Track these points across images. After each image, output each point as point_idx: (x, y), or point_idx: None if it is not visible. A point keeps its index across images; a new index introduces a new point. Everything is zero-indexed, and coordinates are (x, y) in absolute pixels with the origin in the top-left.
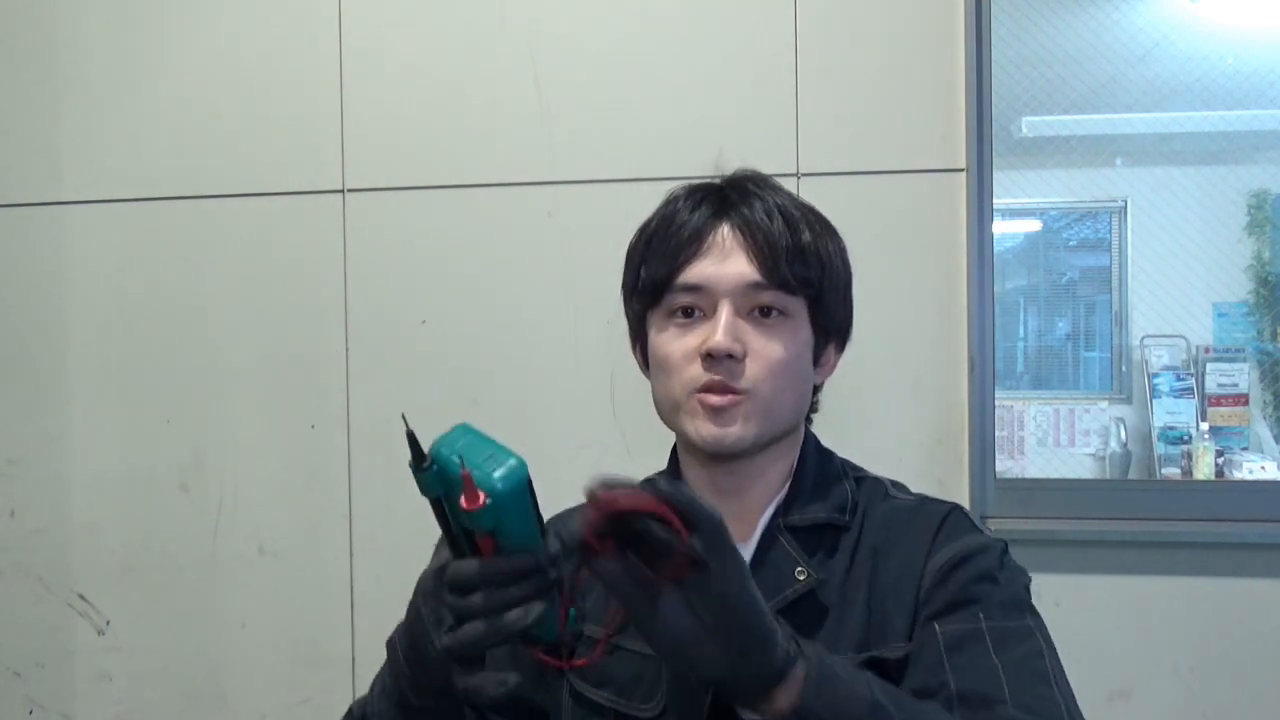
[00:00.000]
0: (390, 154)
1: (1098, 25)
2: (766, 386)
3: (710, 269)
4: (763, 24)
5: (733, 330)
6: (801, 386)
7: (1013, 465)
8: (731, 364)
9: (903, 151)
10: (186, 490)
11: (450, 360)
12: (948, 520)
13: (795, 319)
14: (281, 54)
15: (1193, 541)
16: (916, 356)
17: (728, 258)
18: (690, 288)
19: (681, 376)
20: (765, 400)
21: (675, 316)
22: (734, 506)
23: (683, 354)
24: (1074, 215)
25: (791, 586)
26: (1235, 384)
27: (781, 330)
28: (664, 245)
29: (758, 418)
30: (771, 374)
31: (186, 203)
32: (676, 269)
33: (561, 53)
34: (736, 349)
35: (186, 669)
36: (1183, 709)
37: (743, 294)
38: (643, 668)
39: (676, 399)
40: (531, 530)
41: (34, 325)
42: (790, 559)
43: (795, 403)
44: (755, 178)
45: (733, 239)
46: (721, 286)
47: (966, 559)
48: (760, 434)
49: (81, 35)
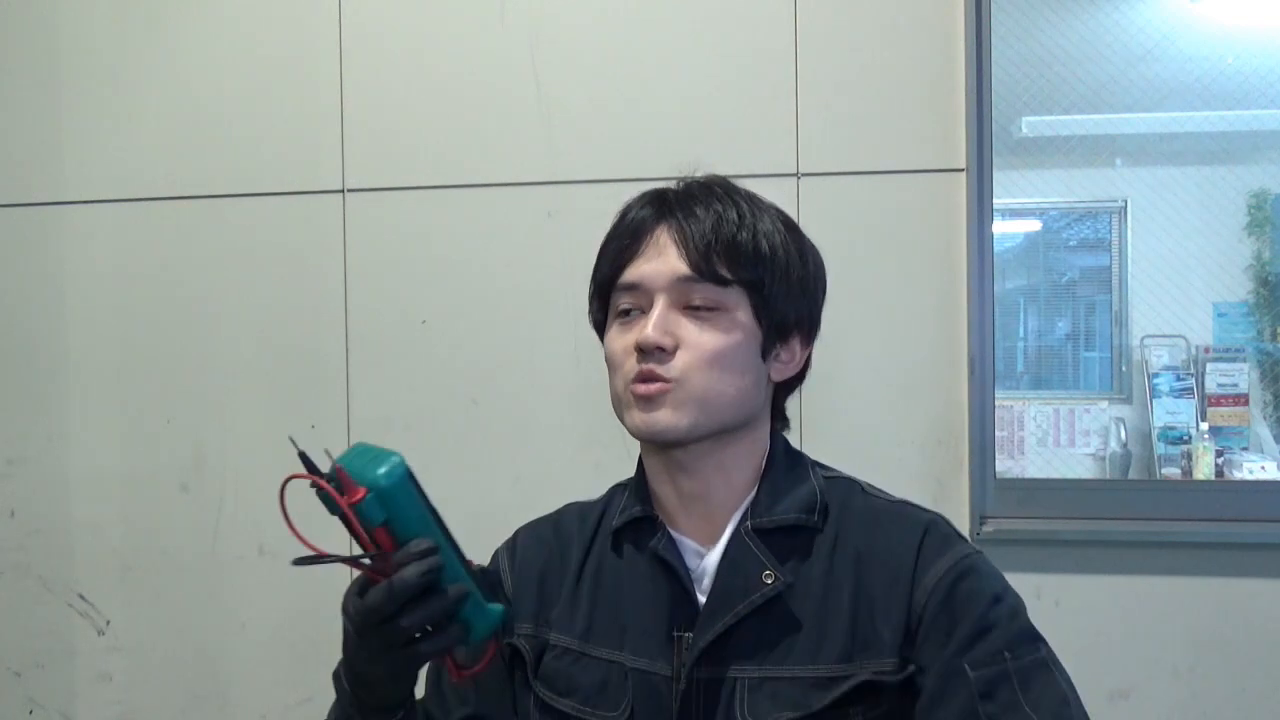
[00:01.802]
0: (390, 154)
1: (1098, 25)
2: (697, 375)
3: (645, 267)
4: (763, 24)
5: (663, 324)
6: (743, 378)
7: (1013, 465)
8: (661, 355)
9: (903, 151)
10: (186, 490)
11: (450, 360)
12: (932, 529)
13: (732, 312)
14: (281, 54)
15: (1193, 541)
16: (917, 356)
17: (661, 255)
18: (628, 286)
19: (622, 370)
20: (696, 389)
21: (620, 316)
22: (699, 509)
23: (623, 349)
24: (1074, 215)
25: (759, 590)
26: (1235, 384)
27: (716, 323)
28: (609, 248)
29: (690, 406)
30: (702, 364)
31: (186, 203)
32: (618, 269)
33: (561, 53)
34: (666, 341)
35: (186, 669)
36: (1183, 709)
37: (674, 289)
38: (608, 673)
39: (618, 392)
40: (422, 517)
41: (34, 325)
42: (757, 562)
43: (738, 395)
44: (710, 181)
45: (667, 237)
46: (655, 282)
47: (965, 575)
48: (695, 422)
49: (82, 35)
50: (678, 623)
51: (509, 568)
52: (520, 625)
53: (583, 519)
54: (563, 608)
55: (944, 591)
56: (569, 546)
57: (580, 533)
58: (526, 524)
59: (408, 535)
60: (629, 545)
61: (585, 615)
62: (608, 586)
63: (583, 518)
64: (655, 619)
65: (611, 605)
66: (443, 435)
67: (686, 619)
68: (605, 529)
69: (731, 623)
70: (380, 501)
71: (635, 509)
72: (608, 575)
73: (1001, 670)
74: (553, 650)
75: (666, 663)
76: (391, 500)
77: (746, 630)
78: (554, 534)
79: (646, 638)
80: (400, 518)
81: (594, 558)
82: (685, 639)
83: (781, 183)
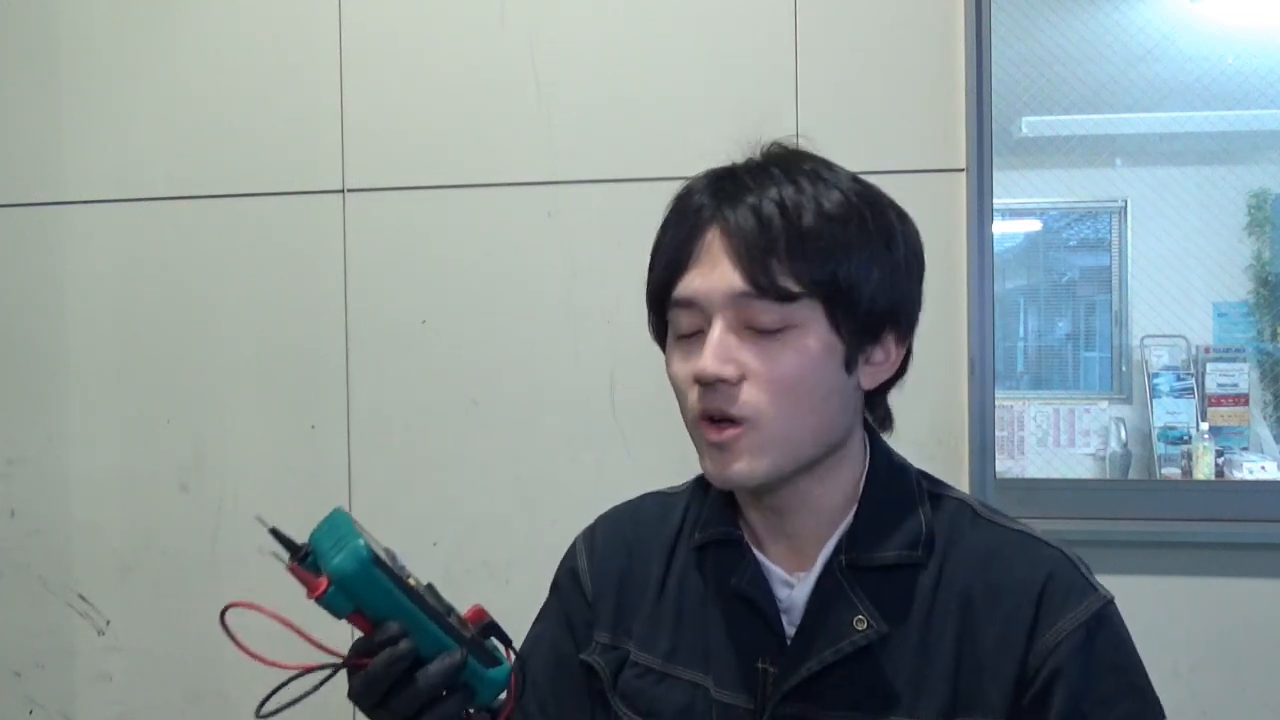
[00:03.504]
0: (390, 154)
1: (1098, 25)
2: (772, 411)
3: (698, 281)
4: (762, 24)
5: (722, 351)
6: (824, 402)
7: (1013, 465)
8: (726, 389)
9: (903, 151)
10: (186, 490)
11: (450, 360)
12: (1059, 571)
13: (803, 327)
14: (281, 54)
15: (1193, 541)
16: (916, 356)
17: (715, 266)
18: (684, 303)
19: (688, 403)
20: (772, 427)
21: (679, 340)
22: (787, 535)
23: (685, 379)
24: (1074, 215)
25: (848, 638)
26: (1235, 384)
27: (785, 344)
28: (661, 252)
29: (769, 447)
30: (774, 396)
31: (186, 203)
32: (671, 281)
33: (561, 53)
34: (727, 372)
35: (186, 669)
36: (1183, 709)
37: (733, 307)
38: (693, 698)
39: (690, 427)
40: (390, 598)
41: (34, 325)
42: (850, 604)
43: (820, 424)
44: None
45: (718, 243)
46: (711, 301)
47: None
48: (775, 466)
49: (82, 35)
50: (763, 654)
51: (587, 568)
52: (598, 634)
53: (664, 517)
54: (644, 622)
55: (1067, 653)
56: (650, 550)
57: (661, 535)
58: (605, 515)
59: (380, 618)
60: (714, 563)
61: (669, 634)
62: (693, 604)
63: (664, 515)
64: (739, 646)
65: (697, 625)
66: (443, 435)
67: (772, 651)
68: (688, 537)
69: (818, 669)
70: (344, 591)
71: (720, 528)
72: (691, 592)
73: None
74: (634, 667)
75: (750, 695)
76: (354, 588)
77: (837, 674)
78: (634, 534)
79: (731, 666)
80: (369, 603)
81: (676, 570)
82: (770, 673)
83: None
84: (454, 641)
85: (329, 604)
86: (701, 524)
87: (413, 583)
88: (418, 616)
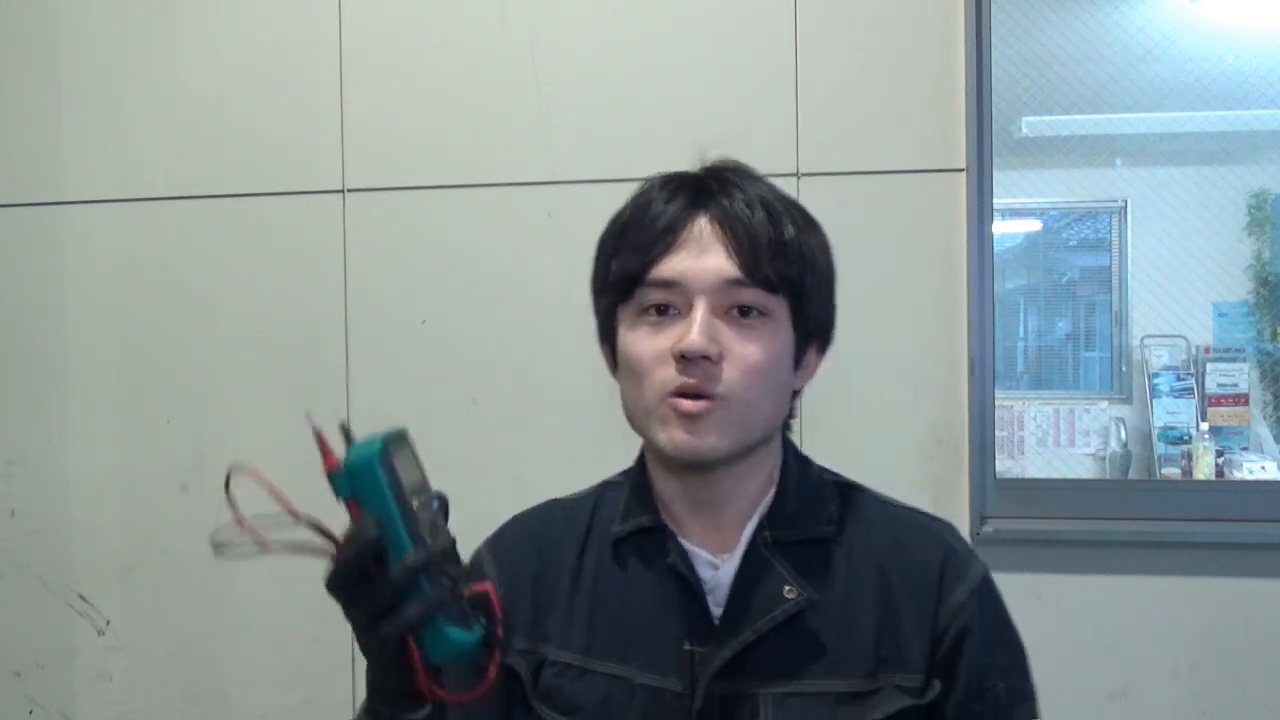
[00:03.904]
0: (390, 154)
1: (1098, 25)
2: (743, 392)
3: (686, 263)
4: (763, 24)
5: (709, 330)
6: (781, 392)
7: (1013, 465)
8: (707, 366)
9: (903, 151)
10: (186, 490)
11: (450, 360)
12: (955, 544)
13: (776, 320)
14: (281, 54)
15: (1193, 541)
16: (916, 356)
17: (705, 252)
18: (664, 283)
19: (653, 379)
20: (742, 407)
21: (647, 314)
22: (712, 519)
23: (654, 355)
24: (1074, 215)
25: (780, 606)
26: (1235, 384)
27: (761, 331)
28: (637, 236)
29: (734, 425)
30: (749, 378)
31: (186, 203)
32: (650, 262)
33: (561, 53)
34: (712, 350)
35: (186, 669)
36: (1182, 709)
37: (720, 291)
38: (612, 689)
39: (648, 404)
40: (384, 504)
41: (34, 325)
42: (777, 576)
43: (773, 410)
44: (736, 168)
45: (711, 232)
46: (698, 282)
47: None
48: (737, 443)
49: (82, 36)
50: (691, 636)
51: (495, 576)
52: (513, 639)
53: (569, 520)
54: (560, 620)
55: (970, 613)
56: (559, 551)
57: (570, 535)
58: (509, 523)
59: (370, 516)
60: (634, 555)
61: (586, 628)
62: (610, 597)
63: (569, 519)
64: (665, 632)
65: (615, 617)
66: (443, 435)
67: (700, 632)
68: (600, 534)
69: (751, 639)
70: (347, 475)
71: (642, 518)
72: (609, 586)
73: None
74: (553, 666)
75: (678, 678)
76: (356, 476)
77: (767, 645)
78: (544, 536)
79: (656, 652)
80: (363, 495)
81: (590, 566)
82: (698, 653)
83: (781, 183)
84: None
85: (332, 481)
86: (620, 517)
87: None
88: (396, 523)
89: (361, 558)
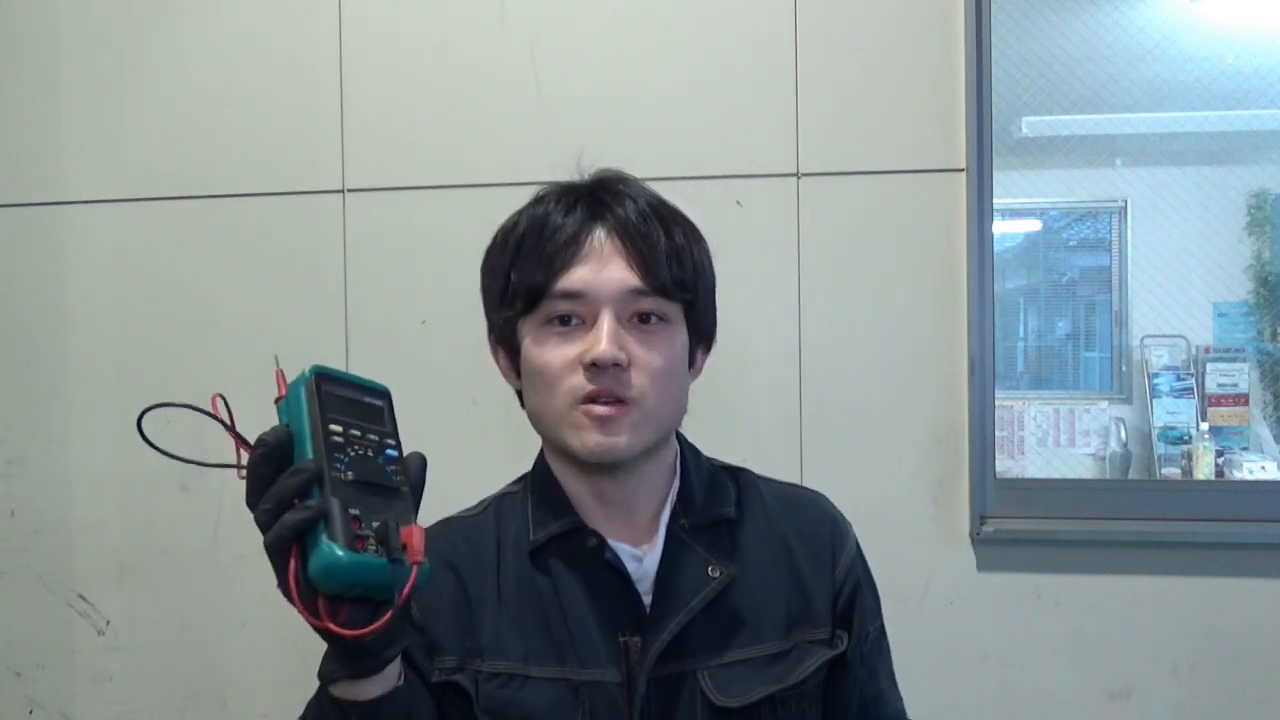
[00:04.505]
0: (390, 153)
1: (1098, 25)
2: (652, 395)
3: (589, 275)
4: (762, 24)
5: (616, 339)
6: (681, 391)
7: (1013, 465)
8: (617, 373)
9: (903, 151)
10: (186, 490)
11: (450, 360)
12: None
13: (674, 324)
14: (281, 54)
15: (1193, 541)
16: (916, 356)
17: (606, 264)
18: (569, 294)
19: (563, 387)
20: (652, 408)
21: (553, 325)
22: (625, 515)
23: (563, 364)
24: (1074, 215)
25: (708, 585)
26: (1235, 384)
27: (661, 337)
28: (538, 249)
29: (646, 426)
30: (656, 382)
31: (186, 203)
32: (553, 275)
33: (561, 53)
34: (622, 358)
35: (186, 669)
36: (1183, 709)
37: (623, 300)
38: (558, 692)
39: (558, 411)
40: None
41: (34, 325)
42: (700, 559)
43: (676, 409)
44: (621, 177)
45: (609, 244)
46: (602, 293)
47: (860, 552)
48: (648, 442)
49: (81, 35)
50: (623, 628)
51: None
52: (440, 659)
53: (477, 535)
54: (491, 634)
55: (859, 569)
56: (476, 566)
57: (482, 551)
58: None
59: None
60: (555, 559)
61: (521, 637)
62: (538, 604)
63: (476, 532)
64: (598, 628)
65: (546, 622)
66: (443, 435)
67: (631, 623)
68: (513, 545)
69: (686, 620)
70: (286, 406)
71: (559, 523)
72: (533, 593)
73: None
74: (494, 679)
75: (617, 670)
76: (291, 404)
77: (697, 624)
78: (454, 553)
79: (592, 648)
80: (291, 417)
81: (509, 577)
82: (633, 643)
83: (781, 183)
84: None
85: (278, 410)
86: (533, 525)
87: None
88: (304, 437)
89: (264, 462)
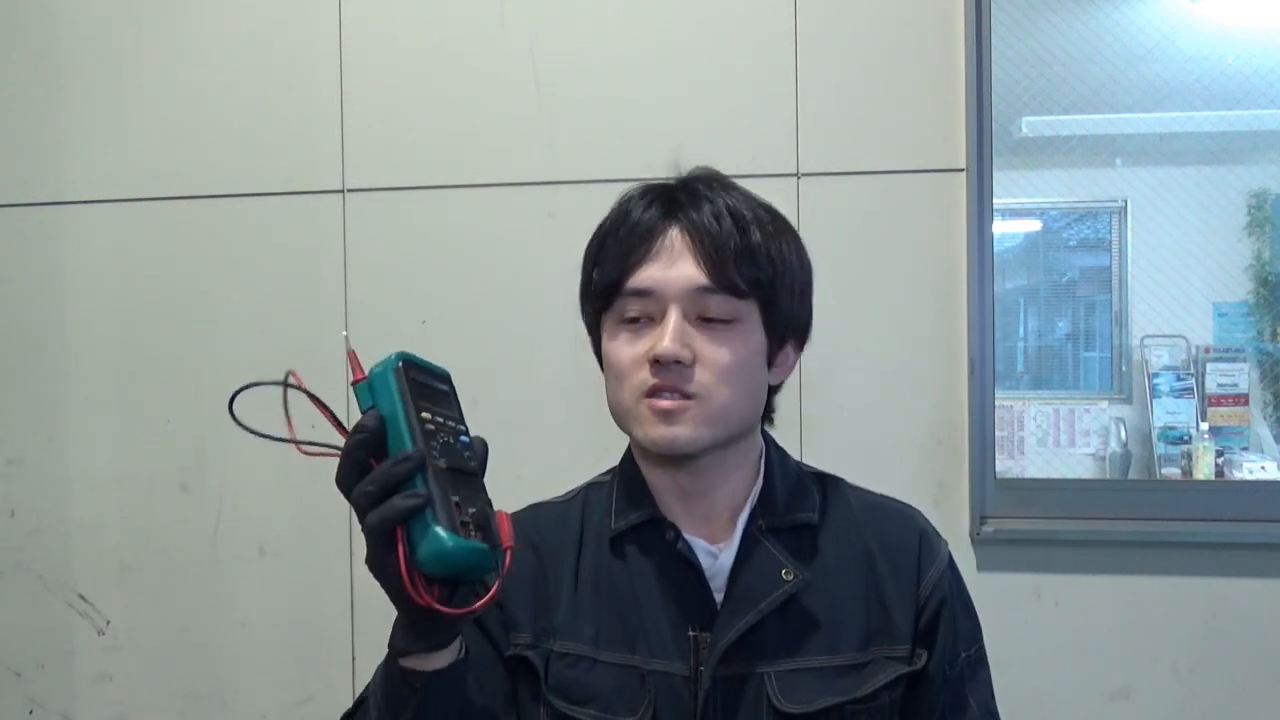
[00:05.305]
0: (390, 154)
1: (1098, 25)
2: (717, 392)
3: (658, 273)
4: (762, 24)
5: (680, 336)
6: (755, 390)
7: (1013, 465)
8: (680, 369)
9: (903, 151)
10: (186, 490)
11: (450, 360)
12: (926, 526)
13: (746, 322)
14: (281, 54)
15: (1193, 541)
16: (916, 356)
17: (675, 261)
18: (638, 292)
19: (631, 382)
20: (715, 405)
21: (625, 322)
22: (701, 508)
23: (632, 360)
24: (1074, 215)
25: (780, 587)
26: (1235, 384)
27: (731, 335)
28: (615, 247)
29: (708, 422)
30: (721, 380)
31: (186, 203)
32: (625, 273)
33: (561, 53)
34: (684, 354)
35: (186, 669)
36: (1182, 709)
37: (690, 298)
38: (624, 678)
39: (626, 405)
40: (392, 403)
41: (34, 325)
42: (775, 560)
43: (749, 407)
44: (709, 178)
45: (681, 242)
46: (669, 291)
47: (953, 570)
48: (713, 437)
49: (81, 35)
50: (693, 622)
51: None
52: (516, 635)
53: (562, 519)
54: (565, 615)
55: (946, 587)
56: (558, 550)
57: (565, 535)
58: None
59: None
60: (633, 548)
61: (593, 621)
62: (613, 591)
63: (562, 517)
64: (669, 620)
65: (619, 609)
66: None
67: (702, 618)
68: (595, 532)
69: (755, 621)
70: (369, 387)
71: (639, 513)
72: (610, 580)
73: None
74: (563, 659)
75: (684, 663)
76: (375, 388)
77: (767, 626)
78: (538, 537)
79: (661, 639)
80: (380, 403)
81: (589, 563)
82: (703, 638)
83: (781, 183)
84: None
85: (357, 395)
86: (615, 514)
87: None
88: (400, 422)
89: (362, 447)
